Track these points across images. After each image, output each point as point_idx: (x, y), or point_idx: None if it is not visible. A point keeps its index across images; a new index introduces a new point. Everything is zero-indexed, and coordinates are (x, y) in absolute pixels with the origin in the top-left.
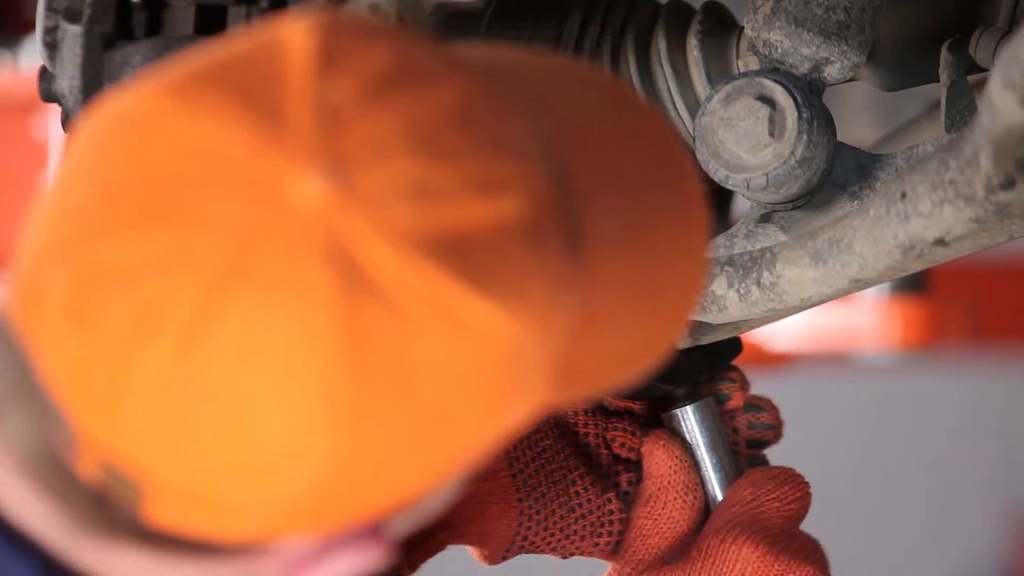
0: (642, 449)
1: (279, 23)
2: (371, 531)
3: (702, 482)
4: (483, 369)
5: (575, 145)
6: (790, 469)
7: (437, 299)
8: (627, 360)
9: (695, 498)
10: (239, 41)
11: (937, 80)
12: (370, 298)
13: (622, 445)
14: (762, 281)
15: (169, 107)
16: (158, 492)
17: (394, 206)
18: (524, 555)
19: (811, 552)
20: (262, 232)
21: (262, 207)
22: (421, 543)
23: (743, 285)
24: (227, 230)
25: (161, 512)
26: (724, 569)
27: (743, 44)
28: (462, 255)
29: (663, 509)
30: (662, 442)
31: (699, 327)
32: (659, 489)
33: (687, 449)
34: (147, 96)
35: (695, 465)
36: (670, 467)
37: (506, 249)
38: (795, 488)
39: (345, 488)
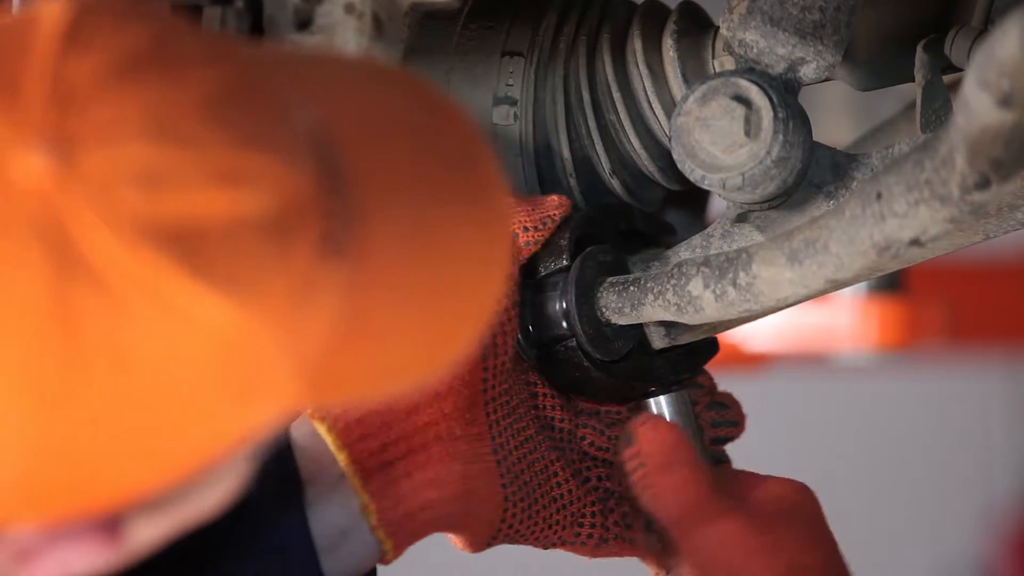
0: (631, 428)
1: (44, 1)
2: (104, 525)
3: None
4: (206, 362)
5: (358, 147)
6: (803, 489)
7: (156, 287)
8: (405, 368)
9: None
10: None
11: (912, 80)
12: (85, 282)
13: (591, 444)
14: (738, 282)
15: None
16: None
17: (117, 190)
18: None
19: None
20: None
21: None
22: (406, 522)
23: (719, 286)
24: None
25: None
26: (793, 526)
27: (719, 44)
28: (188, 245)
29: (701, 468)
30: (651, 420)
31: (676, 327)
32: (683, 453)
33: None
34: None
35: None
36: (675, 435)
37: (239, 243)
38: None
39: (57, 474)
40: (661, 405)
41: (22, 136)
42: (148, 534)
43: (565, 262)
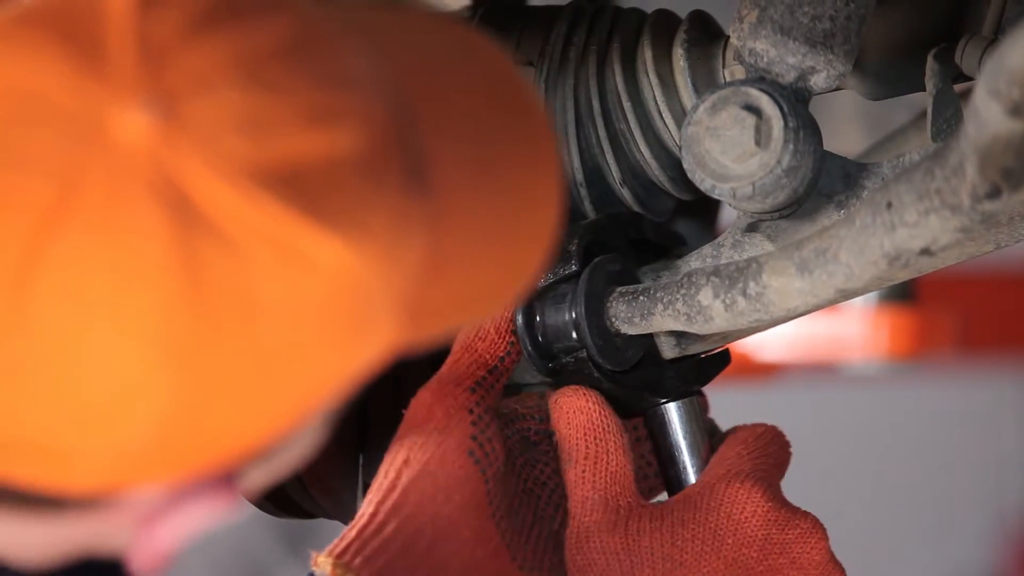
0: (549, 405)
1: None
2: (223, 480)
3: (679, 486)
4: (325, 303)
5: (421, 86)
6: (773, 427)
7: (274, 232)
8: (477, 301)
9: (625, 439)
10: None
11: (923, 89)
12: (203, 233)
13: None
14: (748, 291)
15: None
16: None
17: (223, 138)
18: None
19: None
20: (86, 170)
21: (85, 144)
22: None
23: (729, 295)
24: (49, 170)
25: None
26: (734, 511)
27: (729, 53)
28: (297, 187)
29: (599, 462)
30: (565, 396)
31: (686, 337)
32: (587, 445)
33: (591, 392)
34: None
35: (673, 464)
36: (586, 418)
37: (342, 181)
38: (783, 446)
39: (190, 431)
40: (670, 412)
41: (118, 95)
42: (256, 482)
43: (574, 267)
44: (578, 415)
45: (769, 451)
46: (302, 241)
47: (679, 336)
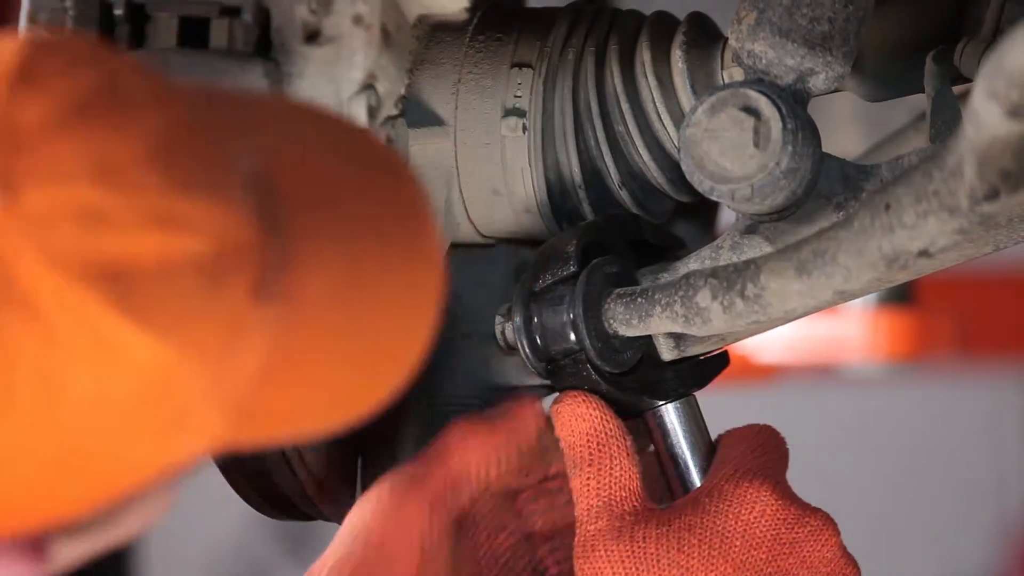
0: (551, 413)
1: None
2: (29, 545)
3: (683, 486)
4: (133, 396)
5: (298, 194)
6: (768, 426)
7: (88, 321)
8: (331, 408)
9: (630, 442)
10: None
11: (922, 91)
12: (20, 310)
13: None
14: (746, 293)
15: None
16: None
17: (56, 227)
18: None
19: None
20: None
21: None
22: None
23: (727, 297)
24: None
25: None
26: (742, 512)
27: (727, 55)
28: (121, 283)
29: (603, 468)
30: (566, 403)
31: (685, 339)
32: (590, 452)
33: (593, 397)
34: None
35: (676, 464)
36: (589, 425)
37: (171, 285)
38: (780, 442)
39: None
40: (668, 412)
41: None
42: (71, 555)
43: (573, 268)
44: (580, 422)
45: (770, 448)
46: (114, 334)
47: (678, 338)
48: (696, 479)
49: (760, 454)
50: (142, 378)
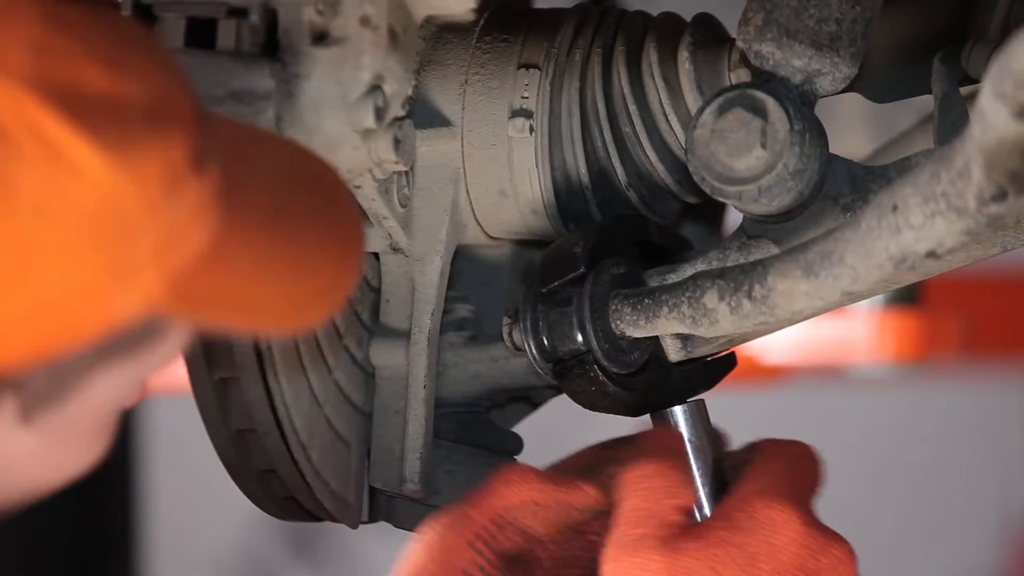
0: (637, 440)
1: None
2: None
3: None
4: (82, 209)
5: (235, 142)
6: (810, 448)
7: (40, 129)
8: (263, 308)
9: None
10: None
11: (929, 92)
12: None
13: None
14: (753, 294)
15: None
16: None
17: (13, 53)
18: None
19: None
20: None
21: None
22: None
23: (734, 298)
24: None
25: None
26: (771, 536)
27: (735, 56)
28: (74, 103)
29: (666, 476)
30: (656, 428)
31: (692, 340)
32: (661, 455)
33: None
34: None
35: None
36: (671, 437)
37: (119, 115)
38: (817, 468)
39: None
40: (676, 415)
41: None
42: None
43: (580, 269)
44: (658, 442)
45: (808, 471)
46: (66, 144)
47: (685, 339)
48: (698, 483)
49: (797, 477)
50: (87, 192)
